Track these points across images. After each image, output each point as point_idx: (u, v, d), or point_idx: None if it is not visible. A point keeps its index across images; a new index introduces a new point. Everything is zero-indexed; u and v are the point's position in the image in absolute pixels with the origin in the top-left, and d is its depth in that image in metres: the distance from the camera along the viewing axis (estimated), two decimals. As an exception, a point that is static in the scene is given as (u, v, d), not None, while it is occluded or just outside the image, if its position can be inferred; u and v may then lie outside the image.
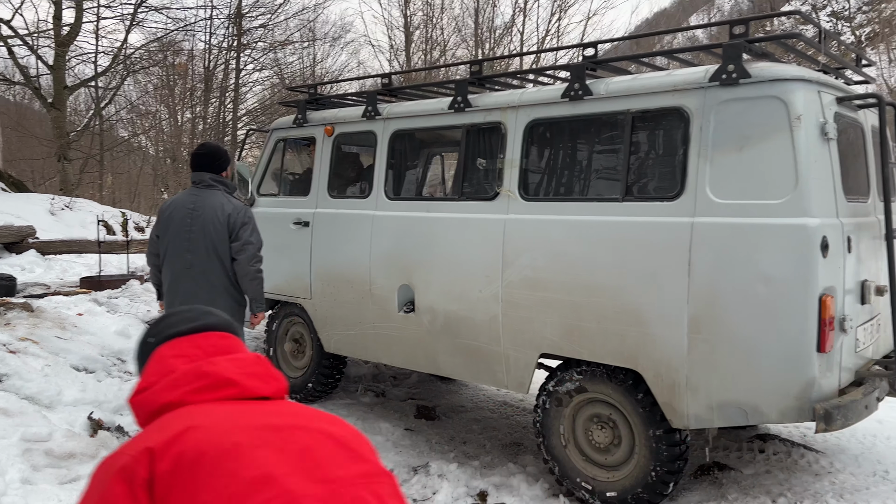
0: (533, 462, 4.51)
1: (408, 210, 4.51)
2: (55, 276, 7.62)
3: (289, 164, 5.76)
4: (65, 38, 16.19)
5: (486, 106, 4.10)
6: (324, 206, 4.98)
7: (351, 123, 4.87)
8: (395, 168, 4.65)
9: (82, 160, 19.61)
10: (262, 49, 24.46)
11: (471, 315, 4.12)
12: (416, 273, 4.40)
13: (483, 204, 4.08)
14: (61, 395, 4.13)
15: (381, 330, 4.65)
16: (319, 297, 5.00)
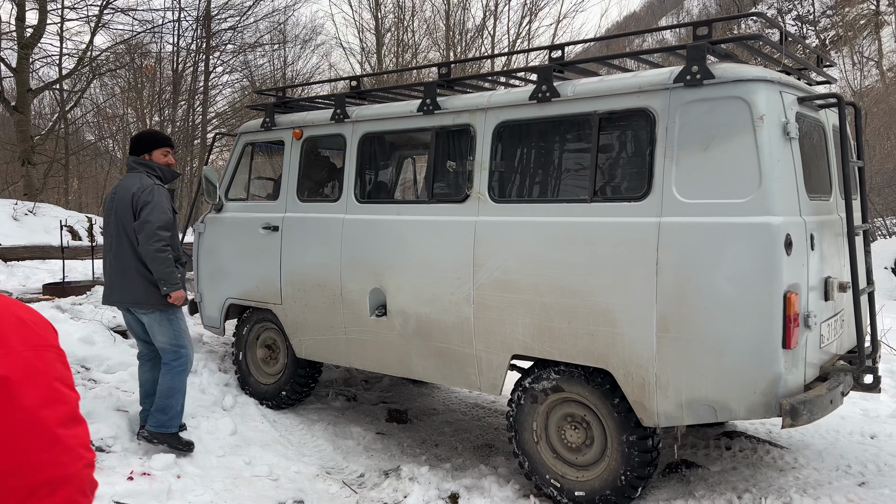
0: (504, 464, 4.52)
1: (378, 213, 4.47)
2: (17, 283, 7.44)
3: (257, 168, 5.70)
4: (28, 40, 15.86)
5: (455, 108, 4.09)
6: (293, 211, 4.91)
7: (320, 126, 4.82)
8: (364, 171, 4.62)
9: (47, 164, 19.20)
10: (232, 51, 24.24)
11: (443, 317, 4.10)
12: (387, 276, 4.37)
13: (453, 206, 4.07)
14: (22, 404, 4.03)
15: (353, 334, 4.61)
16: (290, 303, 4.93)
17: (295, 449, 4.75)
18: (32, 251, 8.43)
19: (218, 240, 5.40)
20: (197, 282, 5.62)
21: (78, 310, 5.77)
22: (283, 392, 5.23)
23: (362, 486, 4.33)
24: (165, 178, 4.34)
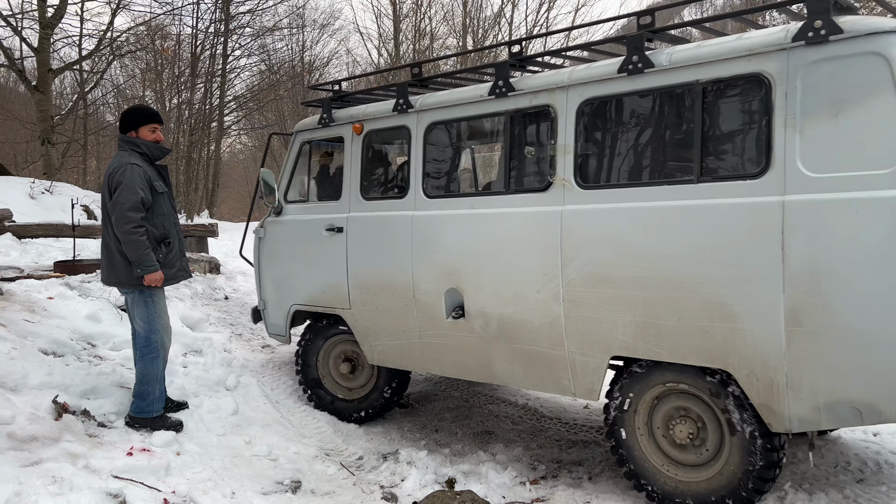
0: (503, 451, 4.54)
1: (449, 208, 4.15)
2: (30, 259, 7.55)
3: (316, 167, 5.41)
4: (49, 20, 15.98)
5: (531, 88, 3.75)
6: (357, 210, 4.63)
7: (381, 119, 4.53)
8: (432, 163, 4.31)
9: (66, 144, 19.40)
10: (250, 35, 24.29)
11: (528, 318, 3.79)
12: (463, 275, 4.06)
13: (534, 196, 3.75)
14: (27, 378, 4.10)
15: (429, 338, 4.34)
16: (359, 307, 4.67)
17: (295, 430, 4.79)
18: (46, 229, 8.53)
19: (279, 244, 5.15)
20: (259, 288, 5.42)
21: (86, 287, 5.84)
22: (378, 401, 4.99)
23: (360, 468, 4.37)
24: (153, 155, 4.29)
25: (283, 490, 3.94)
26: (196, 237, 8.64)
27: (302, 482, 4.06)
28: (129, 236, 4.03)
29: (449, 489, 4.05)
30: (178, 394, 4.68)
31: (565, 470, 4.27)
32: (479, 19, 21.32)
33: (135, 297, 4.22)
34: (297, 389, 5.50)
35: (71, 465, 3.52)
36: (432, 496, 3.85)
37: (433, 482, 4.14)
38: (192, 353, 5.41)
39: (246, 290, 7.55)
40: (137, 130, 4.27)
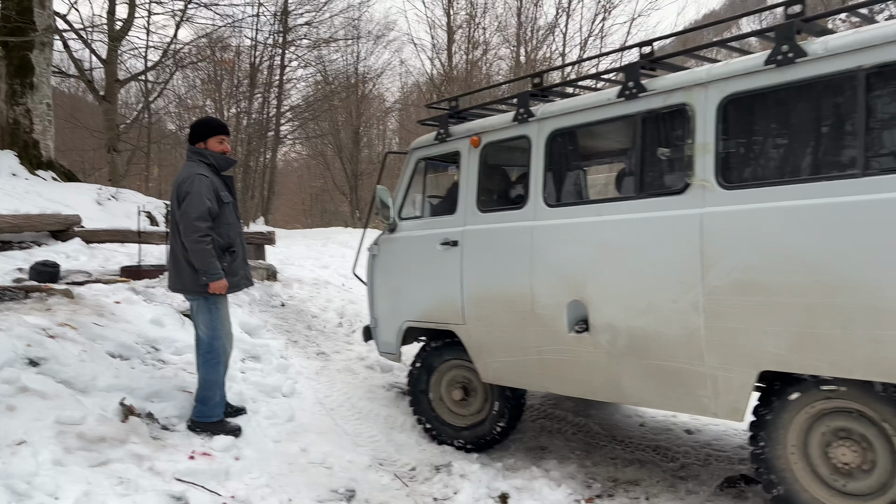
0: (557, 467, 4.48)
1: (573, 216, 4.00)
2: (98, 264, 7.84)
3: (431, 183, 5.41)
4: (117, 33, 16.64)
5: (665, 88, 3.62)
6: (473, 223, 4.55)
7: (500, 130, 4.47)
8: (553, 172, 4.18)
9: (130, 152, 20.12)
10: (307, 46, 24.79)
11: (663, 330, 3.55)
12: (588, 286, 3.87)
13: (669, 199, 3.55)
14: (96, 380, 4.25)
15: (549, 354, 4.12)
16: (474, 322, 4.54)
17: (349, 438, 4.84)
18: (112, 234, 8.85)
19: (393, 261, 5.14)
20: (372, 306, 5.39)
21: (151, 292, 6.03)
22: (498, 426, 4.74)
23: (413, 479, 4.38)
24: (220, 165, 4.43)
25: (338, 499, 3.97)
26: (254, 244, 8.83)
27: (356, 491, 4.09)
28: (196, 245, 4.15)
29: None
30: (237, 399, 4.78)
31: (622, 489, 4.19)
32: (533, 29, 21.28)
33: (199, 303, 4.34)
34: (352, 397, 5.55)
35: (136, 467, 3.64)
36: (486, 511, 3.83)
37: (486, 496, 4.11)
38: (250, 359, 5.52)
39: (302, 298, 7.68)
40: (206, 141, 4.41)
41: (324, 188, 36.96)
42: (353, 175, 31.04)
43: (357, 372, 6.12)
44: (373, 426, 5.12)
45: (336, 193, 34.82)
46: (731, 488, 3.89)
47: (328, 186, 35.56)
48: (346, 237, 14.00)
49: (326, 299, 7.81)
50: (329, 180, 34.46)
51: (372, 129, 34.33)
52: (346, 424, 5.07)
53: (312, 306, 7.49)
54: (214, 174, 4.39)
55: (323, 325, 7.09)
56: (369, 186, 34.99)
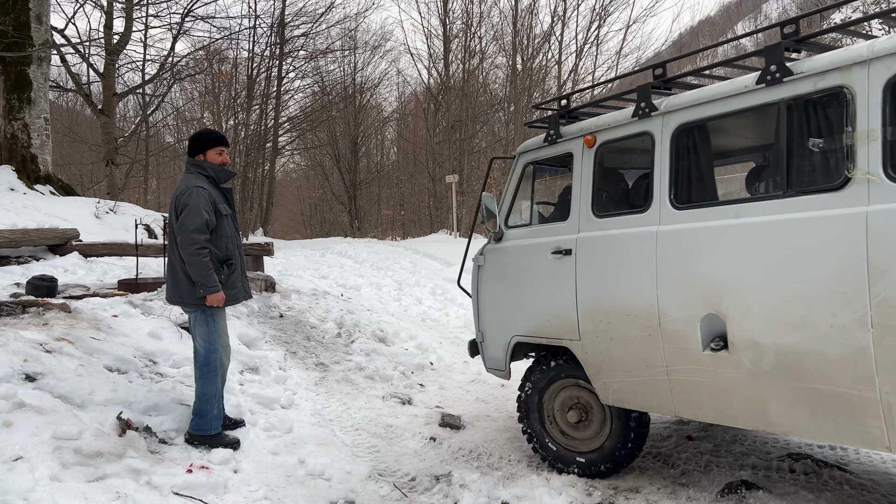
0: (557, 475, 4.46)
1: (705, 219, 3.57)
2: (96, 277, 7.84)
3: (540, 189, 5.09)
4: (115, 47, 16.71)
5: (816, 70, 3.18)
6: (588, 229, 4.21)
7: (618, 128, 4.14)
8: (681, 171, 3.82)
9: (129, 165, 20.17)
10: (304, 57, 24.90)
11: (820, 349, 3.08)
12: (726, 298, 3.43)
13: (825, 197, 3.09)
14: (93, 394, 4.24)
15: (679, 374, 3.70)
16: (590, 338, 4.17)
17: (349, 450, 4.82)
18: (111, 248, 8.86)
19: (500, 272, 4.84)
20: (477, 320, 5.12)
21: (148, 305, 6.02)
22: (621, 451, 4.32)
23: (413, 489, 4.36)
24: (219, 177, 4.43)
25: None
26: (252, 256, 8.84)
27: (355, 502, 4.07)
28: (194, 257, 4.15)
29: (502, 513, 4.00)
30: (235, 412, 4.77)
31: (622, 496, 4.16)
32: (529, 38, 21.37)
33: (197, 316, 4.34)
34: (350, 407, 5.54)
35: (134, 482, 3.62)
36: (486, 521, 3.81)
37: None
38: (248, 371, 5.51)
39: (300, 308, 7.67)
40: (205, 153, 4.42)
41: (323, 198, 37.08)
42: (351, 185, 31.13)
43: (356, 382, 6.11)
44: (372, 437, 5.11)
45: (335, 203, 34.92)
46: (732, 494, 3.87)
47: (327, 196, 35.68)
48: (345, 247, 14.00)
49: (325, 310, 7.81)
50: (328, 190, 34.58)
51: (370, 139, 34.46)
52: (344, 435, 5.05)
53: (311, 317, 7.48)
54: (213, 186, 4.39)
55: (322, 335, 7.08)
56: (368, 196, 35.15)
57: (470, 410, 5.88)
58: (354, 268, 11.32)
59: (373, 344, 7.02)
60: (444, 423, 5.50)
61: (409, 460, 4.80)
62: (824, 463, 4.21)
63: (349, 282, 9.97)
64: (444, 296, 9.88)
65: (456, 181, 19.12)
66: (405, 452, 4.92)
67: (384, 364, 6.57)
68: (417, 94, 27.82)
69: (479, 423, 5.59)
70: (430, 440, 5.17)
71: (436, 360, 6.98)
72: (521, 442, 5.14)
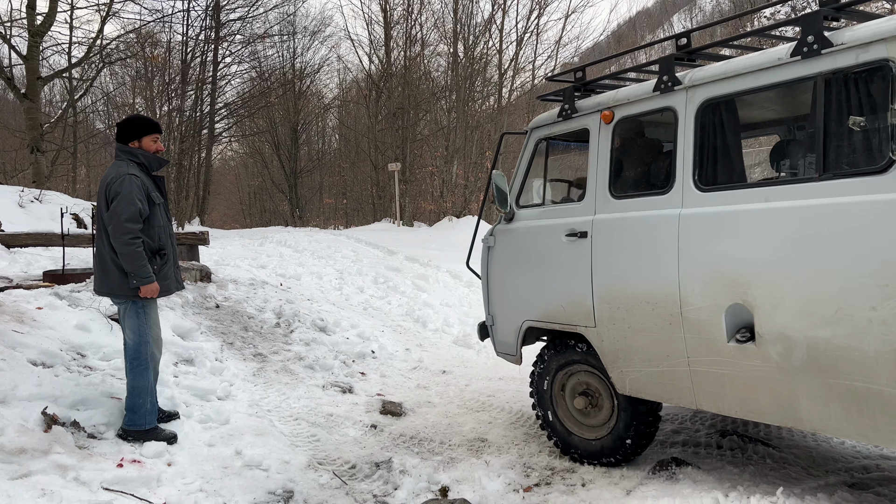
0: (496, 458, 4.52)
1: (732, 202, 3.35)
2: (19, 269, 7.49)
3: (553, 167, 4.82)
4: (38, 28, 15.93)
5: (857, 41, 2.90)
6: (605, 211, 4.01)
7: (638, 102, 3.90)
8: (706, 149, 3.56)
9: (55, 152, 19.32)
10: (241, 42, 24.29)
11: (857, 344, 2.90)
12: (754, 287, 3.23)
13: (867, 181, 2.86)
14: (16, 389, 4.06)
15: (701, 366, 3.53)
16: (607, 325, 4.00)
17: (287, 440, 4.77)
18: (35, 238, 8.47)
19: (511, 254, 4.67)
20: (487, 303, 4.95)
21: (76, 297, 5.80)
22: (628, 440, 4.16)
23: (353, 477, 4.35)
24: (151, 165, 4.30)
25: (275, 500, 3.91)
26: (187, 245, 8.61)
27: (294, 492, 4.04)
28: (127, 247, 4.02)
29: (442, 497, 4.04)
30: (169, 404, 4.65)
31: (558, 477, 4.26)
32: (470, 26, 21.39)
33: (127, 307, 4.20)
34: (290, 397, 5.48)
35: (60, 478, 3.50)
36: (425, 505, 3.84)
37: (426, 490, 4.12)
38: (182, 363, 5.38)
39: (237, 299, 7.53)
40: (140, 140, 4.27)
41: (262, 187, 36.36)
42: (292, 173, 30.62)
43: (296, 372, 6.04)
44: (312, 426, 5.06)
45: (275, 192, 34.29)
46: (663, 471, 4.00)
47: (267, 185, 35.00)
48: (285, 236, 13.79)
49: (263, 299, 7.68)
50: (267, 178, 33.91)
51: (311, 127, 33.94)
52: (283, 426, 4.99)
53: (249, 307, 7.35)
54: (145, 174, 4.25)
55: (260, 325, 6.96)
56: (309, 184, 34.64)
57: (411, 397, 5.90)
58: (294, 257, 11.17)
59: (313, 333, 6.94)
60: (384, 410, 5.50)
61: (350, 448, 4.78)
62: (749, 438, 4.40)
63: (289, 271, 9.83)
64: (387, 284, 9.85)
65: (398, 169, 19.03)
66: (345, 441, 4.91)
67: (324, 353, 6.52)
68: (359, 81, 27.53)
69: (421, 410, 5.61)
70: (370, 428, 5.17)
71: (377, 348, 6.97)
72: (461, 427, 5.19)
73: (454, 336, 7.82)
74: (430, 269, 10.91)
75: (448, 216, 18.73)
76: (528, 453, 4.65)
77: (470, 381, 6.38)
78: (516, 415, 5.42)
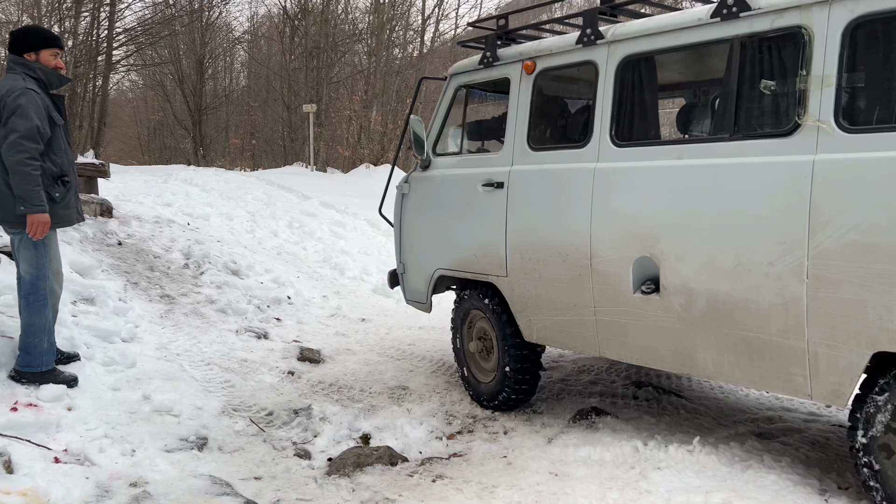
0: (418, 406, 4.49)
1: (647, 158, 3.41)
2: None
3: (472, 115, 4.76)
4: None
5: (774, 6, 2.96)
6: (523, 162, 3.99)
7: (560, 54, 3.86)
8: (625, 105, 3.59)
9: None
10: (144, -38, 22.45)
11: (753, 297, 3.02)
12: (661, 241, 3.32)
13: (773, 143, 2.95)
14: None
15: (607, 315, 3.62)
16: (518, 275, 4.03)
17: (199, 385, 4.54)
18: None
19: (426, 202, 4.63)
20: (399, 251, 4.93)
21: (-42, 226, 5.23)
22: (504, 392, 4.31)
23: (270, 424, 4.20)
24: (51, 82, 3.90)
25: (189, 447, 3.72)
26: (85, 177, 7.93)
27: (208, 438, 3.86)
28: (22, 167, 3.61)
29: (364, 445, 3.97)
30: (68, 345, 4.30)
31: (480, 425, 4.28)
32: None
33: (22, 237, 3.80)
34: (201, 342, 5.22)
35: (-56, 422, 3.16)
36: (348, 452, 3.76)
37: (347, 438, 4.04)
38: (82, 302, 4.99)
39: (141, 237, 7.06)
40: (38, 53, 3.84)
41: (163, 122, 34.30)
42: (196, 109, 28.98)
43: (206, 316, 5.75)
44: (225, 371, 4.85)
45: (177, 128, 32.42)
46: (583, 420, 4.09)
47: (168, 120, 33.03)
48: (190, 174, 13.05)
49: (170, 239, 7.24)
50: (169, 114, 31.98)
51: (218, 61, 32.12)
52: (194, 370, 4.75)
53: (154, 246, 6.91)
54: (44, 91, 3.82)
55: (167, 266, 6.56)
56: (215, 122, 32.98)
57: (329, 344, 5.76)
58: (202, 196, 10.59)
59: (224, 276, 6.62)
60: (302, 356, 5.34)
61: (266, 395, 4.62)
62: (663, 390, 4.56)
63: (196, 211, 9.31)
64: (302, 230, 9.53)
65: (314, 111, 18.34)
66: (261, 387, 4.73)
67: (237, 297, 6.24)
68: (272, 16, 26.19)
69: (340, 357, 5.49)
70: (287, 374, 5.01)
71: (293, 294, 6.74)
72: (381, 374, 5.12)
73: (373, 284, 7.68)
74: (347, 216, 10.65)
75: (365, 163, 18.31)
76: (449, 401, 4.64)
77: (390, 330, 6.30)
78: (437, 363, 5.40)
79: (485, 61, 4.30)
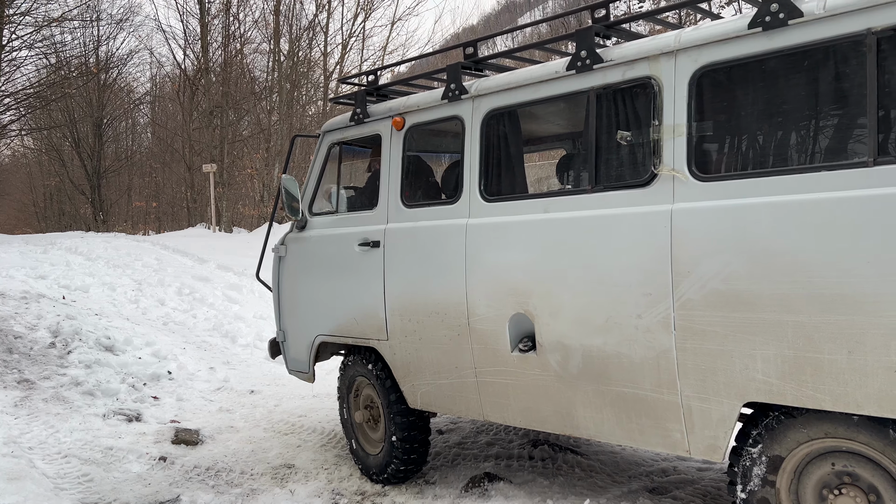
0: (303, 486, 4.15)
1: (515, 213, 3.34)
2: None
3: (347, 172, 4.65)
4: None
5: (625, 58, 2.96)
6: (397, 220, 3.88)
7: (427, 110, 3.80)
8: (491, 160, 3.52)
9: None
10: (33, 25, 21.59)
11: (625, 351, 2.94)
12: (535, 297, 3.23)
13: (632, 193, 2.92)
14: None
15: (488, 376, 3.47)
16: (399, 338, 3.86)
17: (51, 482, 4.04)
18: None
19: (303, 264, 4.42)
20: (278, 317, 4.66)
21: None
22: (392, 464, 4.05)
23: (130, 522, 3.75)
24: None
25: (23, 562, 3.24)
26: (-60, 253, 7.27)
27: (51, 549, 3.38)
28: None
29: (236, 538, 3.58)
30: None
31: (369, 501, 3.97)
32: (297, 27, 20.67)
33: None
34: (59, 431, 4.70)
35: None
36: (213, 550, 3.37)
37: (219, 530, 3.64)
38: (-86, 397, 4.40)
39: (2, 316, 6.44)
40: None
41: (60, 187, 32.66)
42: (94, 173, 27.79)
43: (70, 400, 5.22)
44: (84, 463, 4.35)
45: (75, 193, 30.91)
46: (475, 488, 3.85)
47: (65, 185, 31.47)
48: (77, 242, 12.29)
49: (37, 315, 6.64)
50: (66, 178, 30.50)
51: (120, 123, 31.07)
52: (47, 466, 4.24)
53: (17, 325, 6.31)
54: None
55: (29, 346, 5.98)
56: (117, 185, 31.67)
57: (211, 422, 5.32)
58: (85, 265, 9.91)
59: (96, 353, 6.08)
60: (177, 439, 4.89)
61: (130, 487, 4.15)
62: (559, 447, 4.39)
63: (75, 282, 8.66)
64: (193, 296, 9.02)
65: (214, 171, 17.80)
66: (126, 478, 4.26)
67: (109, 376, 5.72)
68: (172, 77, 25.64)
69: (221, 436, 5.06)
70: (159, 460, 4.55)
71: (176, 368, 6.26)
72: (266, 453, 4.73)
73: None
74: (244, 278, 10.19)
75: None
76: (338, 478, 4.31)
77: (280, 401, 5.91)
78: (328, 435, 5.06)
79: (356, 118, 4.20)
